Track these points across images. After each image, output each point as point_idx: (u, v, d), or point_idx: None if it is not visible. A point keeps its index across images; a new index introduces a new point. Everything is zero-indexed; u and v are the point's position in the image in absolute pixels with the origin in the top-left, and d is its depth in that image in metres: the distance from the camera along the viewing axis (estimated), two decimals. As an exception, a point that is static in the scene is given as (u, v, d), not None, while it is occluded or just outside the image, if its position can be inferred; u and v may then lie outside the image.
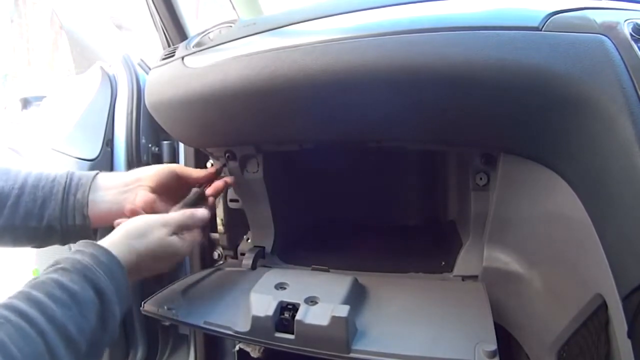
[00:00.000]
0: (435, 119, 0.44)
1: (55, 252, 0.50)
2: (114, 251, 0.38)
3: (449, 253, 0.59)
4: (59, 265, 0.35)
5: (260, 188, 0.62)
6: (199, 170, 0.57)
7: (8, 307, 0.30)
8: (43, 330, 0.30)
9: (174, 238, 0.44)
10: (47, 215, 0.47)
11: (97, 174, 0.51)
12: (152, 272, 0.44)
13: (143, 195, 0.49)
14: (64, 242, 0.49)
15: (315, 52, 0.43)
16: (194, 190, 0.54)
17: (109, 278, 0.36)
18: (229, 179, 0.59)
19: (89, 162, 0.71)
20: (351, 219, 0.82)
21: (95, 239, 0.40)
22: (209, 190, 0.56)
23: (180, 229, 0.45)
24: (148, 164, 0.75)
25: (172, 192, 0.53)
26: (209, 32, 0.61)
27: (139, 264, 0.40)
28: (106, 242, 0.39)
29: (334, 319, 0.40)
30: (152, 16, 0.76)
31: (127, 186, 0.50)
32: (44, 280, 0.33)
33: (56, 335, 0.30)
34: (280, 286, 0.48)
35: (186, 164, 0.74)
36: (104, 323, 0.35)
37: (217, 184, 0.57)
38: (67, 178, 0.49)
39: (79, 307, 0.33)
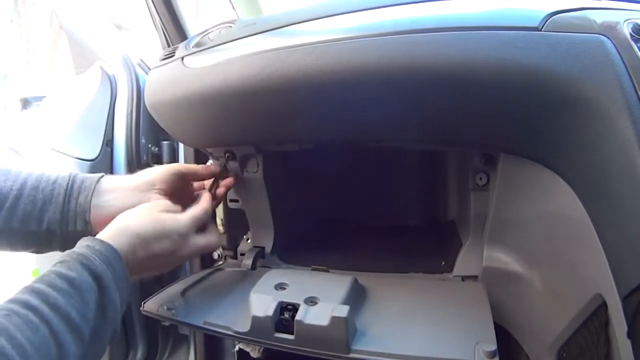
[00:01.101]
0: (435, 119, 0.44)
1: (56, 253, 0.49)
2: (109, 241, 0.38)
3: (448, 253, 0.58)
4: (57, 260, 0.35)
5: (260, 188, 0.62)
6: (203, 166, 0.57)
7: (13, 301, 0.31)
8: (48, 318, 0.30)
9: (166, 214, 0.44)
10: (47, 219, 0.45)
11: (101, 176, 0.49)
12: (154, 259, 0.43)
13: (158, 200, 0.48)
14: (63, 249, 0.47)
15: (316, 52, 0.43)
16: (204, 192, 0.54)
17: (106, 264, 0.36)
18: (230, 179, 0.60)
19: (88, 162, 0.71)
20: (351, 219, 0.81)
21: None
22: (219, 189, 0.57)
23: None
24: (148, 164, 0.76)
25: (178, 192, 0.52)
26: (208, 32, 0.61)
27: (135, 249, 0.40)
28: (102, 235, 0.40)
29: (334, 319, 0.40)
30: (152, 16, 0.76)
31: (137, 189, 0.49)
32: (45, 274, 0.34)
33: (60, 322, 0.31)
34: (280, 286, 0.48)
35: (186, 165, 0.74)
36: (103, 310, 0.35)
37: (226, 181, 0.59)
38: (69, 180, 0.47)
39: (80, 294, 0.33)
